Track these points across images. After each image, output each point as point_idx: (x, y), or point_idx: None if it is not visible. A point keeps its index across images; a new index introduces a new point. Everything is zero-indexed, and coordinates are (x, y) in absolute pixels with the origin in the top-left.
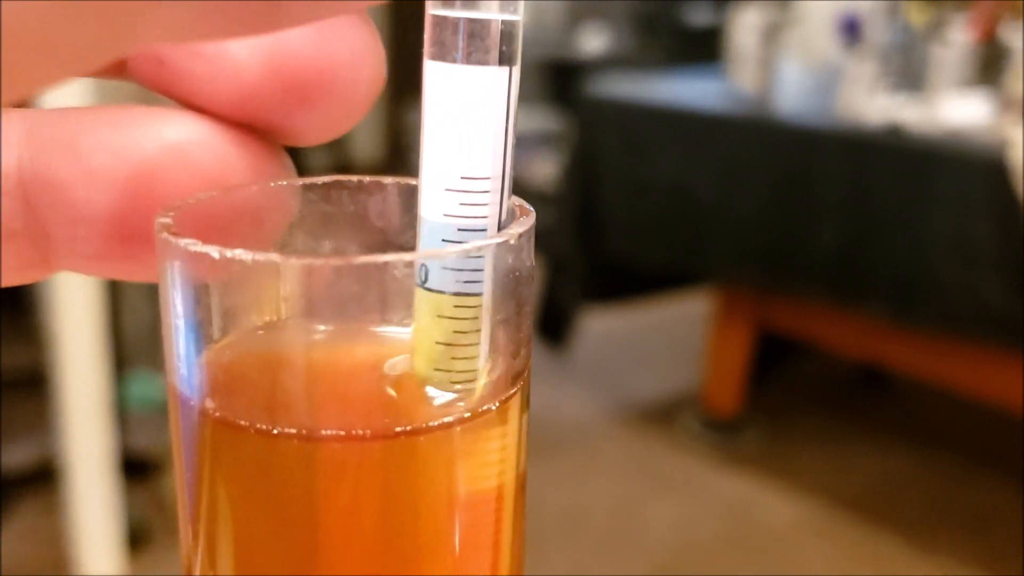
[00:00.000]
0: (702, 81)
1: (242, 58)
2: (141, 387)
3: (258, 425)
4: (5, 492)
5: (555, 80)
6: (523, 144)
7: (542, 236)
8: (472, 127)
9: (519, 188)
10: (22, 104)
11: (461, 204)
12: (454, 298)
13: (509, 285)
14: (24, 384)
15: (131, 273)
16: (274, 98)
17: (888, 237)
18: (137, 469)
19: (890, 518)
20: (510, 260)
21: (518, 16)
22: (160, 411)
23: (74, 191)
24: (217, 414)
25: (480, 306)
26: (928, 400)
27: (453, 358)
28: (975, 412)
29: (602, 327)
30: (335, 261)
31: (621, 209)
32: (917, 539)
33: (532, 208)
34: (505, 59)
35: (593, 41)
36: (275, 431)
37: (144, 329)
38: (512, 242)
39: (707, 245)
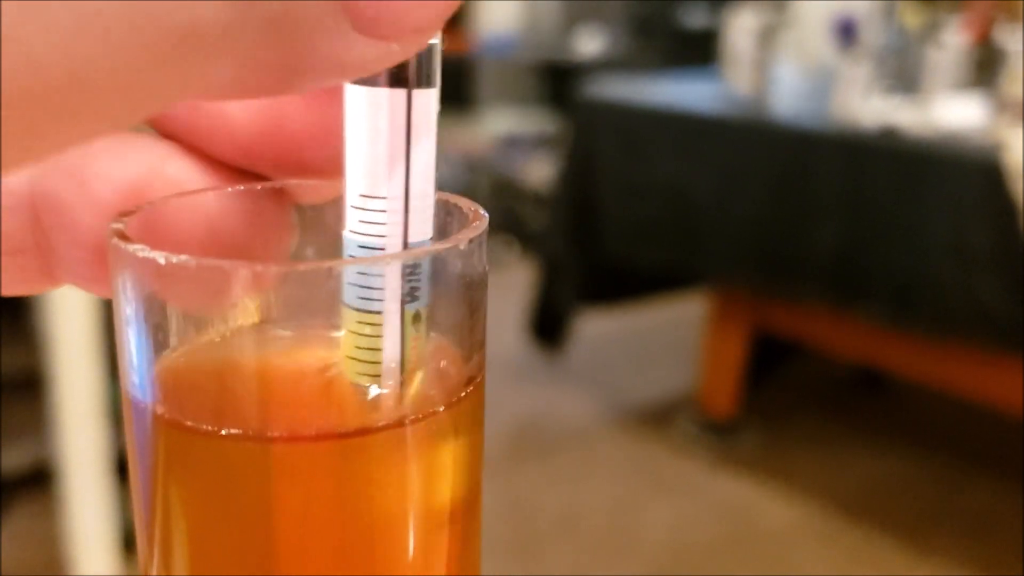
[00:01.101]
0: (698, 83)
1: (239, 119)
2: None
3: (209, 428)
4: (2, 494)
5: (551, 82)
6: (519, 146)
7: (538, 238)
8: (365, 147)
9: (515, 190)
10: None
11: (360, 221)
12: (356, 313)
13: (459, 291)
14: (20, 386)
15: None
16: (268, 157)
17: (884, 239)
18: None
19: (887, 520)
20: (460, 265)
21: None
22: None
23: (78, 216)
24: (169, 418)
25: (380, 324)
26: (925, 402)
27: (361, 371)
28: (972, 414)
29: (599, 329)
30: (277, 267)
31: (617, 211)
32: (914, 541)
33: (486, 213)
34: (400, 81)
35: (589, 43)
36: (224, 432)
37: None
38: (462, 247)
39: (703, 247)
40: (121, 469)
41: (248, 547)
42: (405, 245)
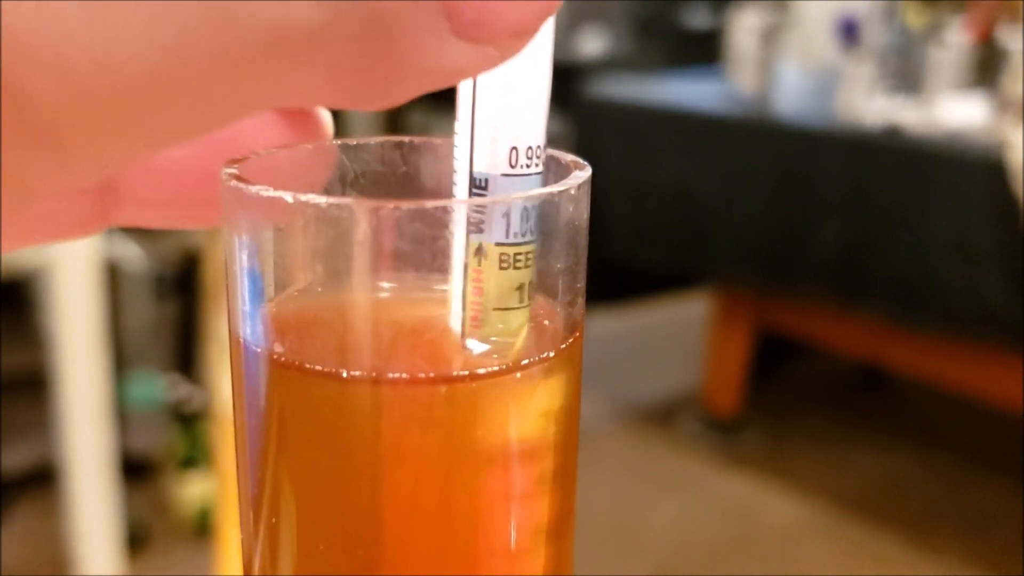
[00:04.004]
0: (701, 83)
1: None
2: (141, 388)
3: (327, 369)
4: (4, 493)
5: (554, 82)
6: None
7: None
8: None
9: None
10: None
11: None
12: (509, 248)
13: (568, 234)
14: (23, 385)
15: (199, 219)
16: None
17: (888, 238)
18: (136, 470)
19: (891, 518)
20: (570, 210)
21: None
22: (160, 412)
23: None
24: (284, 360)
25: (532, 255)
26: (929, 400)
27: (502, 309)
28: (976, 412)
29: (603, 328)
30: (407, 204)
31: (621, 210)
32: (918, 539)
33: (587, 164)
34: None
35: (592, 43)
36: (344, 374)
37: (144, 330)
38: (572, 192)
39: (707, 246)
40: (124, 468)
41: (359, 487)
42: (471, 179)
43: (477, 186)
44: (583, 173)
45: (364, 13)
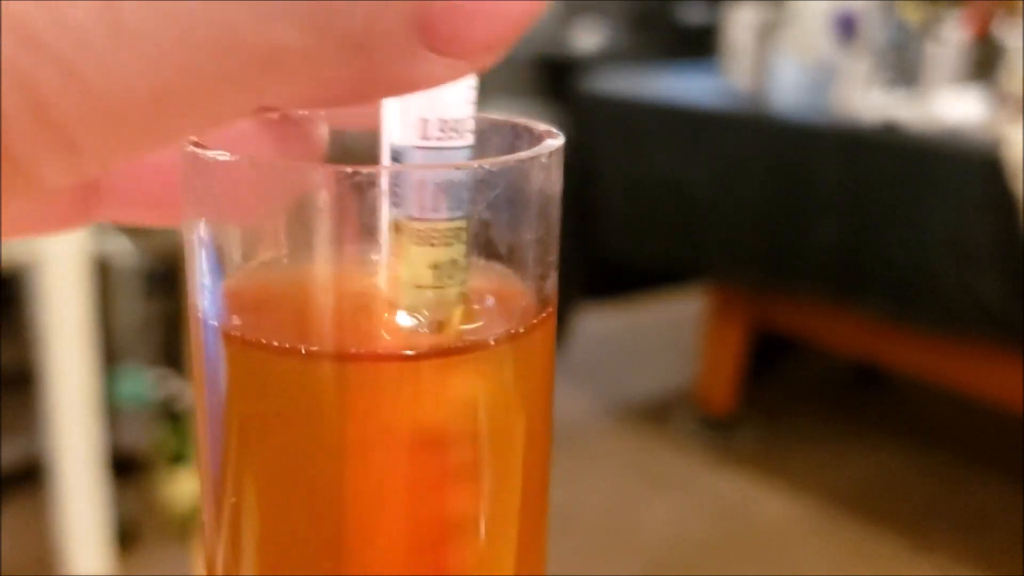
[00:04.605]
0: (698, 78)
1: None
2: (130, 385)
3: (285, 345)
4: None
5: (549, 76)
6: None
7: None
8: None
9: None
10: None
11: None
12: (421, 224)
13: (539, 205)
14: (12, 382)
15: (179, 218)
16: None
17: (884, 234)
18: (126, 467)
19: (886, 516)
20: (541, 178)
21: None
22: (149, 409)
23: None
24: (242, 337)
25: (457, 234)
26: (925, 398)
27: (420, 287)
28: (972, 410)
29: (597, 325)
30: (366, 169)
31: (616, 206)
32: (914, 538)
33: (560, 133)
34: None
35: (588, 38)
36: (302, 350)
37: (133, 326)
38: (543, 160)
39: (702, 242)
40: (114, 465)
41: (319, 465)
42: (391, 150)
43: (394, 158)
44: (555, 142)
45: (343, 33)
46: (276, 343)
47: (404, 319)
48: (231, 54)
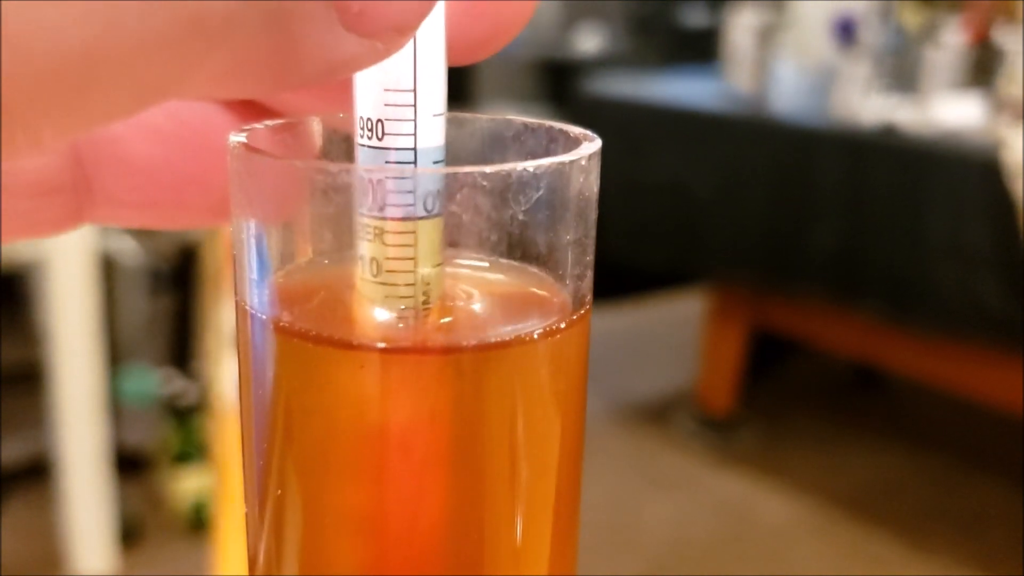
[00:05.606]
0: (698, 81)
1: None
2: (135, 382)
3: (333, 337)
4: None
5: (550, 79)
6: None
7: None
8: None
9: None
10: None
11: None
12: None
13: (578, 206)
14: (18, 380)
15: (171, 220)
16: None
17: (883, 237)
18: (131, 465)
19: (885, 518)
20: (580, 181)
21: None
22: (154, 406)
23: (131, 145)
24: (292, 329)
25: (376, 231)
26: (924, 400)
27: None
28: (971, 412)
29: (598, 326)
30: (409, 170)
31: (617, 208)
32: (913, 539)
33: (597, 136)
34: None
35: (588, 41)
36: (353, 343)
37: (138, 324)
38: (583, 163)
39: (702, 244)
40: (119, 463)
41: (365, 459)
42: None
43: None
44: (593, 145)
45: (264, 5)
46: (325, 334)
47: (383, 314)
48: (158, 17)
